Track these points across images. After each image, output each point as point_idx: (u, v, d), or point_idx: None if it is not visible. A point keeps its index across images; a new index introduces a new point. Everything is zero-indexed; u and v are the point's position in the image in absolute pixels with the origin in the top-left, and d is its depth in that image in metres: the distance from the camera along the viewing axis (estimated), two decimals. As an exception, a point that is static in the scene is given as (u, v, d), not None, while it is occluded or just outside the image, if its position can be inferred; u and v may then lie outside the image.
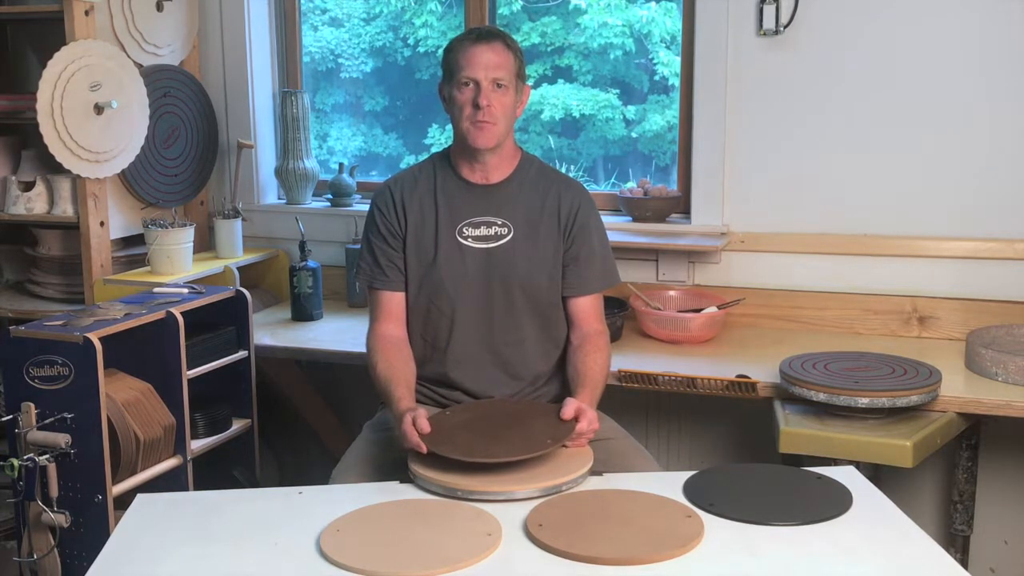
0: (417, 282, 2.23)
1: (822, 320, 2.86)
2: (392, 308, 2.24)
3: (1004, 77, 2.66)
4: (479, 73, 2.13)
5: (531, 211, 2.24)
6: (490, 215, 2.22)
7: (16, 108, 2.99)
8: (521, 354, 2.23)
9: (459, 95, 2.16)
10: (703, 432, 3.05)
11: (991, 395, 2.29)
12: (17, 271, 3.25)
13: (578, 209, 2.25)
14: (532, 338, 2.24)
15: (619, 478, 1.87)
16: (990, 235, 2.71)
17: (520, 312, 2.23)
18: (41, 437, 2.20)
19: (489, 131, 2.15)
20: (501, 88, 2.15)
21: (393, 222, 2.24)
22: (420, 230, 2.23)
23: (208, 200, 3.36)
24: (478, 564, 1.52)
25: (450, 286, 2.20)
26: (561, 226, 2.24)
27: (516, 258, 2.21)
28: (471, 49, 2.15)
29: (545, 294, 2.24)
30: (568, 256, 2.25)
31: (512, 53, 2.18)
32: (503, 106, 2.16)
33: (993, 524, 2.81)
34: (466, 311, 2.21)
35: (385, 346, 2.19)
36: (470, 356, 2.22)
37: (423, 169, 2.30)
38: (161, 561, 1.57)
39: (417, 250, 2.23)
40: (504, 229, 2.22)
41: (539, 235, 2.23)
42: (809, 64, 2.80)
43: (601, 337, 2.24)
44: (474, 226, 2.22)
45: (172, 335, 2.42)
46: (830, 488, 1.78)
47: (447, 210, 2.22)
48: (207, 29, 3.31)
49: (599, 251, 2.28)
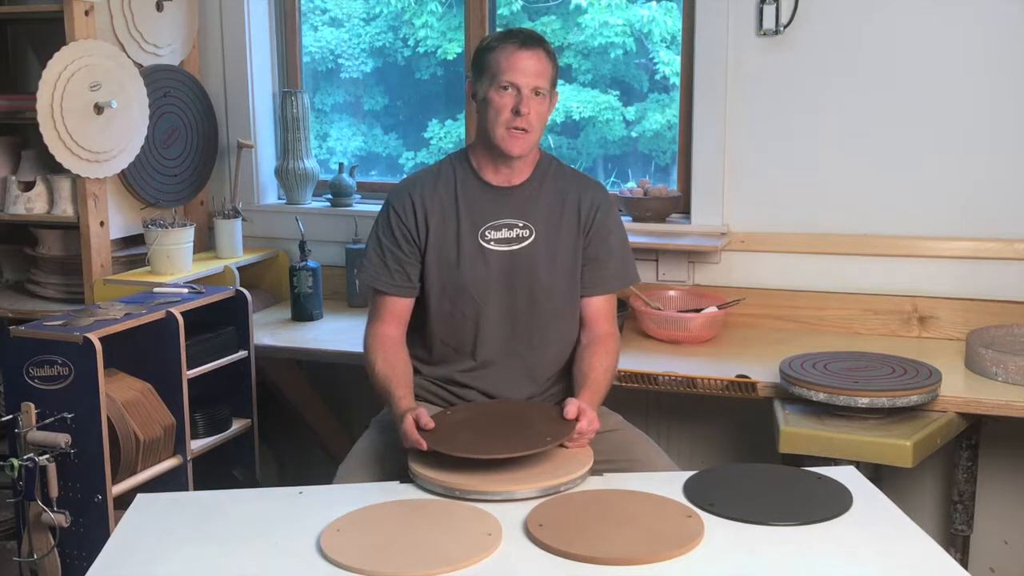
0: (439, 286, 2.20)
1: (822, 320, 2.86)
2: (394, 310, 2.22)
3: (1004, 76, 2.66)
4: (521, 79, 2.11)
5: (551, 212, 2.22)
6: (512, 217, 2.20)
7: (16, 108, 2.99)
8: (543, 356, 2.22)
9: (498, 98, 2.12)
10: (703, 432, 3.05)
11: (991, 395, 2.29)
12: (17, 271, 3.25)
13: (597, 209, 2.24)
14: (553, 340, 2.23)
15: (619, 478, 1.87)
16: (990, 235, 2.71)
17: (543, 314, 2.21)
18: (41, 437, 2.20)
19: (524, 140, 2.13)
20: (539, 96, 2.13)
21: (411, 226, 2.20)
22: (442, 234, 2.20)
23: (208, 200, 3.36)
24: (478, 564, 1.52)
25: (474, 290, 2.18)
26: (581, 226, 2.22)
27: (538, 261, 2.19)
28: (516, 54, 2.12)
29: (567, 296, 2.23)
30: (586, 255, 2.23)
31: (551, 61, 2.17)
32: (540, 115, 2.14)
33: (993, 524, 2.81)
34: (490, 314, 2.19)
35: (385, 346, 2.18)
36: (494, 359, 2.21)
37: (442, 171, 2.25)
38: (161, 561, 1.57)
39: (439, 254, 2.20)
40: (526, 231, 2.20)
41: (560, 236, 2.21)
42: (809, 64, 2.80)
43: (611, 339, 2.23)
44: (496, 229, 2.19)
45: (172, 335, 2.42)
46: (830, 488, 1.78)
47: (469, 213, 2.20)
48: (207, 29, 3.31)
49: (618, 251, 2.27)
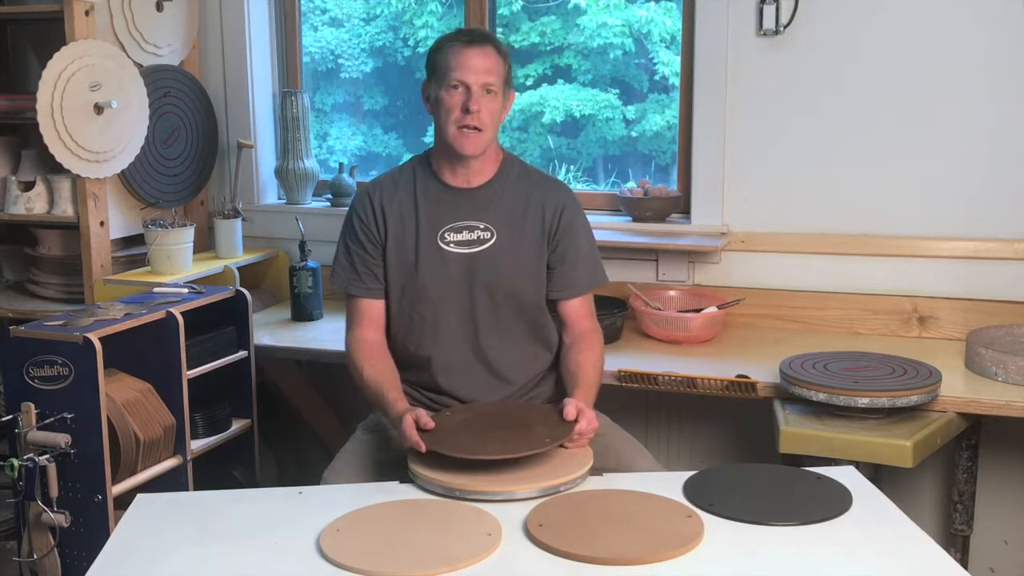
0: (399, 288, 2.20)
1: (822, 320, 2.86)
2: (371, 314, 2.21)
3: (1004, 76, 2.66)
4: (470, 77, 2.10)
5: (514, 214, 2.20)
6: (472, 219, 2.18)
7: (16, 108, 2.99)
8: (509, 358, 2.21)
9: (447, 97, 2.11)
10: (703, 432, 3.05)
11: (991, 395, 2.29)
12: (17, 271, 3.25)
13: (563, 210, 2.22)
14: (519, 342, 2.22)
15: (619, 478, 1.87)
16: (990, 235, 2.71)
17: (505, 316, 2.20)
18: (41, 437, 2.20)
19: (476, 138, 2.12)
20: (490, 94, 2.12)
21: (372, 228, 2.20)
22: (401, 236, 2.19)
23: (208, 200, 3.36)
24: (478, 564, 1.52)
25: (433, 292, 2.18)
26: (545, 228, 2.21)
27: (499, 262, 2.18)
28: (463, 52, 2.11)
29: (531, 297, 2.22)
30: (554, 258, 2.22)
31: (503, 59, 2.15)
32: (491, 112, 2.12)
33: (993, 524, 2.81)
34: (450, 317, 2.19)
35: (369, 351, 2.17)
36: (456, 362, 2.20)
37: (403, 173, 2.25)
38: (161, 561, 1.57)
39: (398, 256, 2.19)
40: (487, 233, 2.18)
41: (523, 238, 2.20)
42: (809, 64, 2.79)
43: (594, 335, 2.23)
44: (456, 231, 2.18)
45: (172, 335, 2.42)
46: (830, 488, 1.78)
47: (428, 215, 2.19)
48: (207, 29, 3.31)
49: (586, 252, 2.25)
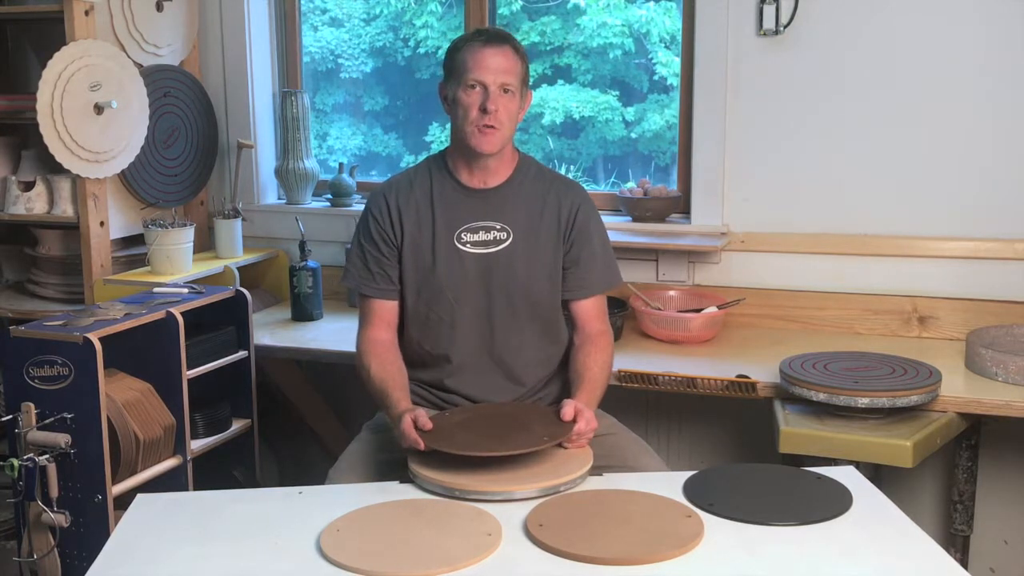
0: (415, 289, 2.20)
1: (822, 320, 2.86)
2: (383, 314, 2.22)
3: (1004, 76, 2.66)
4: (488, 77, 2.10)
5: (530, 214, 2.21)
6: (489, 219, 2.19)
7: (16, 108, 2.99)
8: (522, 359, 2.22)
9: (465, 97, 2.12)
10: (703, 432, 3.05)
11: (991, 395, 2.29)
12: (17, 271, 3.25)
13: (577, 211, 2.23)
14: (533, 343, 2.23)
15: (619, 478, 1.87)
16: (990, 235, 2.71)
17: (521, 317, 2.21)
18: (41, 437, 2.20)
19: (494, 137, 2.12)
20: (508, 93, 2.12)
21: (387, 229, 2.21)
22: (417, 237, 2.20)
23: (208, 200, 3.36)
24: (478, 564, 1.52)
25: (449, 293, 2.18)
26: (561, 229, 2.22)
27: (516, 263, 2.19)
28: (481, 51, 2.11)
29: (546, 298, 2.22)
30: (568, 259, 2.23)
31: (520, 59, 2.16)
32: (509, 112, 2.13)
33: (993, 524, 2.81)
34: (466, 317, 2.19)
35: (378, 350, 2.17)
36: (471, 362, 2.20)
37: (419, 173, 2.26)
38: (161, 561, 1.57)
39: (415, 257, 2.20)
40: (503, 234, 2.19)
41: (539, 239, 2.21)
42: (809, 64, 2.79)
43: (603, 337, 2.23)
44: (472, 231, 2.19)
45: (172, 335, 2.42)
46: (830, 488, 1.78)
47: (444, 216, 2.19)
48: (207, 29, 3.31)
49: (600, 253, 2.26)
